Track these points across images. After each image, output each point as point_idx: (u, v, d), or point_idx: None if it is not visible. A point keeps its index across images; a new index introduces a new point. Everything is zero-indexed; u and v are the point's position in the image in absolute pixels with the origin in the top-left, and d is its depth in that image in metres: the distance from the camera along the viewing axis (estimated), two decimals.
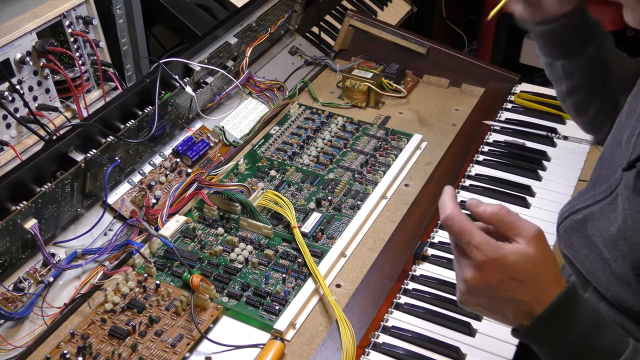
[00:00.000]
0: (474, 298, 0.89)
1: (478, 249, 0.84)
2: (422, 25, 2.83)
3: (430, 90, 1.83)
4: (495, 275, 0.85)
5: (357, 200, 1.42)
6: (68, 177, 1.23)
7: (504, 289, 0.86)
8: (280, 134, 1.63)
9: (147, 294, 1.20)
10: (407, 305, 1.17)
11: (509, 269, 0.85)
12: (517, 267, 0.85)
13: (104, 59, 1.51)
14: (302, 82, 1.82)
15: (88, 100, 1.47)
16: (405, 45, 1.87)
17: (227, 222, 1.37)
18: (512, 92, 1.75)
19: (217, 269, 1.26)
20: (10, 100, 1.28)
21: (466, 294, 0.89)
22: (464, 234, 0.85)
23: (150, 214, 1.37)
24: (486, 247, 0.84)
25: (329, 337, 1.11)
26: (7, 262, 1.17)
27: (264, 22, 1.77)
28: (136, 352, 1.10)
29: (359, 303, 1.17)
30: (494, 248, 0.85)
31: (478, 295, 0.88)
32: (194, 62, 1.52)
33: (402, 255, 1.27)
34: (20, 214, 1.14)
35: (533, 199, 1.41)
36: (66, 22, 1.40)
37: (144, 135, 1.41)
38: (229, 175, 1.50)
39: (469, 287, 0.87)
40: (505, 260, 0.84)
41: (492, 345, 1.09)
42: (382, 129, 1.64)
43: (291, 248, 1.30)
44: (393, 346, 1.09)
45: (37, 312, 1.18)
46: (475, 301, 0.90)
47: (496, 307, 0.89)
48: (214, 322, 1.16)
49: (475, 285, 0.86)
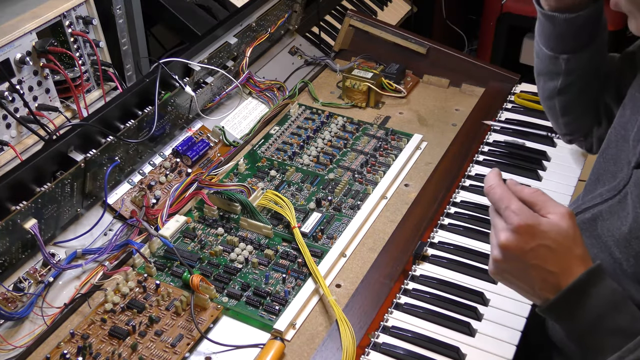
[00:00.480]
0: (505, 264, 0.94)
1: (515, 213, 0.91)
2: (422, 25, 2.84)
3: (430, 90, 1.83)
4: (528, 240, 0.90)
5: (357, 200, 1.42)
6: (68, 177, 1.23)
7: (535, 255, 0.91)
8: (280, 134, 1.63)
9: (147, 294, 1.20)
10: (407, 305, 1.17)
11: (542, 236, 0.90)
12: (550, 236, 0.90)
13: (104, 59, 1.51)
14: (302, 82, 1.82)
15: (88, 100, 1.47)
16: (405, 45, 1.87)
17: (227, 222, 1.37)
18: (512, 92, 1.75)
19: (217, 269, 1.26)
20: (10, 100, 1.28)
21: (499, 261, 0.94)
22: (504, 199, 0.92)
23: (150, 214, 1.37)
24: (523, 212, 0.91)
25: (329, 337, 1.11)
26: (7, 262, 1.17)
27: (264, 22, 1.77)
28: (136, 352, 1.10)
29: (359, 303, 1.17)
30: (530, 214, 0.91)
31: (510, 261, 0.93)
32: (194, 62, 1.52)
33: (402, 255, 1.27)
34: (20, 214, 1.14)
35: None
36: (66, 22, 1.40)
37: (143, 135, 1.41)
38: (229, 175, 1.50)
39: (502, 252, 0.92)
40: (539, 228, 0.90)
41: (492, 345, 1.09)
42: (382, 129, 1.64)
43: (291, 248, 1.30)
44: (393, 346, 1.09)
45: (37, 312, 1.18)
46: (506, 267, 0.94)
47: (525, 275, 0.93)
48: (214, 322, 1.16)
49: (509, 249, 0.91)
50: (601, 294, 0.90)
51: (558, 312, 0.93)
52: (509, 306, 1.15)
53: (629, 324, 0.89)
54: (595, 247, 1.05)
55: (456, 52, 1.83)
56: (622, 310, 0.90)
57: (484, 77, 1.79)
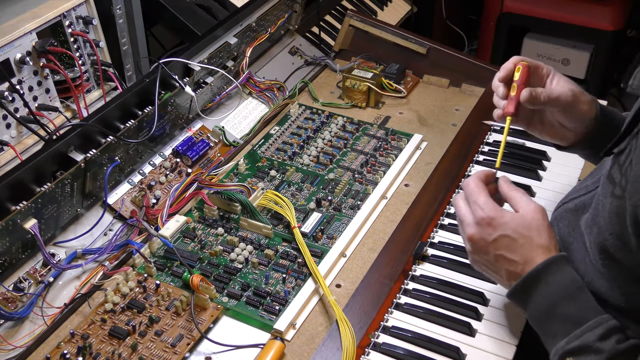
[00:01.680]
0: (475, 255, 1.03)
1: (480, 207, 0.99)
2: (422, 25, 2.84)
3: (430, 90, 1.83)
4: (490, 231, 0.99)
5: (357, 200, 1.42)
6: (68, 177, 1.23)
7: (497, 246, 0.99)
8: (280, 134, 1.63)
9: (147, 294, 1.20)
10: (407, 305, 1.17)
11: (503, 227, 0.98)
12: (510, 227, 0.98)
13: (104, 59, 1.51)
14: (302, 82, 1.82)
15: (88, 100, 1.47)
16: (405, 45, 1.87)
17: (227, 222, 1.37)
18: None
19: (217, 269, 1.26)
20: (10, 100, 1.28)
21: (470, 252, 1.03)
22: (473, 194, 1.01)
23: (150, 214, 1.37)
24: (488, 206, 0.99)
25: (329, 337, 1.11)
26: (7, 262, 1.17)
27: (263, 22, 1.77)
28: (136, 352, 1.10)
29: (359, 303, 1.17)
30: (494, 207, 0.99)
31: (478, 252, 1.02)
32: (194, 62, 1.52)
33: (402, 255, 1.27)
34: (20, 214, 1.14)
35: (533, 198, 1.40)
36: (66, 22, 1.40)
37: (143, 135, 1.41)
38: (229, 175, 1.50)
39: (470, 244, 1.02)
40: (500, 220, 0.98)
41: (492, 345, 1.09)
42: (382, 129, 1.64)
43: (291, 248, 1.30)
44: (393, 346, 1.09)
45: (37, 312, 1.18)
46: (477, 258, 1.03)
47: (493, 265, 1.01)
48: (214, 322, 1.16)
49: (474, 241, 1.01)
50: (557, 282, 0.95)
51: (518, 297, 1.00)
52: (509, 306, 1.15)
53: (580, 312, 0.94)
54: (571, 236, 1.08)
55: (456, 52, 1.83)
56: (576, 298, 0.95)
57: (484, 77, 1.79)
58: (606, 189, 0.96)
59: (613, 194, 0.93)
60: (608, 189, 0.95)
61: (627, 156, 0.93)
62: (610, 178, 0.96)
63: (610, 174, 0.96)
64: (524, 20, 2.90)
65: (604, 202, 0.95)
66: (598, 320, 0.92)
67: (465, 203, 1.03)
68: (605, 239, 0.94)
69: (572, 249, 1.06)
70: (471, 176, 1.04)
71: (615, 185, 0.93)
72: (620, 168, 0.94)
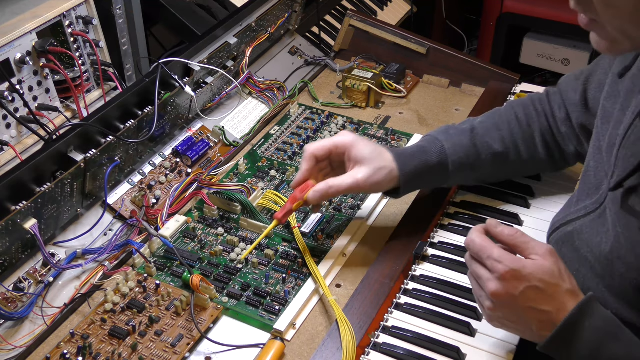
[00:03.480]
0: (500, 311, 0.95)
1: (499, 261, 0.93)
2: (422, 25, 2.84)
3: (430, 90, 1.83)
4: (516, 285, 0.92)
5: (357, 200, 1.42)
6: (68, 177, 1.23)
7: (526, 298, 0.92)
8: (280, 134, 1.63)
9: (147, 294, 1.20)
10: (407, 305, 1.17)
11: (529, 278, 0.91)
12: (537, 277, 0.91)
13: (104, 59, 1.51)
14: (302, 82, 1.82)
15: (88, 100, 1.47)
16: (405, 45, 1.87)
17: (227, 222, 1.37)
18: (512, 92, 1.75)
19: (217, 269, 1.26)
20: (10, 100, 1.28)
21: (493, 309, 0.96)
22: (485, 249, 0.94)
23: (150, 214, 1.37)
24: (506, 258, 0.92)
25: (329, 337, 1.11)
26: (7, 262, 1.17)
27: (263, 22, 1.77)
28: (136, 352, 1.10)
29: (359, 303, 1.17)
30: (513, 259, 0.93)
31: (503, 308, 0.94)
32: (194, 62, 1.52)
33: (402, 255, 1.27)
34: (20, 214, 1.14)
35: (533, 199, 1.41)
36: (66, 22, 1.40)
37: (143, 135, 1.41)
38: (229, 175, 1.50)
39: (494, 301, 0.94)
40: (525, 271, 0.91)
41: (492, 345, 1.09)
42: (382, 129, 1.64)
43: (291, 248, 1.30)
44: (393, 346, 1.09)
45: (37, 312, 1.18)
46: (502, 314, 0.96)
47: (521, 318, 0.94)
48: (214, 322, 1.16)
49: (500, 297, 0.93)
50: (595, 325, 0.91)
51: (556, 348, 0.93)
52: None
53: (626, 351, 0.90)
54: (576, 261, 1.04)
55: (456, 52, 1.83)
56: (619, 338, 0.91)
57: (484, 77, 1.79)
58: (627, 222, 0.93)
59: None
60: (630, 222, 0.92)
61: None
62: (630, 210, 0.93)
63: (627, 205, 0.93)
64: (524, 20, 2.90)
65: (630, 236, 0.92)
66: None
67: (476, 262, 0.97)
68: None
69: (581, 276, 1.03)
70: (471, 233, 0.98)
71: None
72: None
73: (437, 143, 1.24)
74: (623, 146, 0.98)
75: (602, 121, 1.07)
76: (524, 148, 1.27)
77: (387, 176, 1.19)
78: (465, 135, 1.26)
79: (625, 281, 0.95)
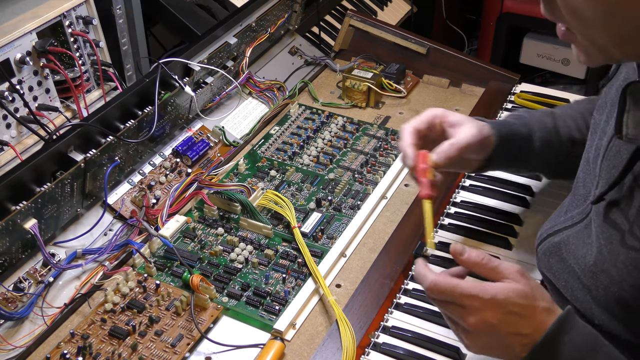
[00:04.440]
0: (480, 342, 0.94)
1: (470, 296, 0.90)
2: (422, 25, 2.83)
3: (430, 90, 1.83)
4: (493, 314, 0.90)
5: (357, 200, 1.42)
6: (68, 177, 1.23)
7: (505, 324, 0.90)
8: (280, 134, 1.63)
9: (147, 294, 1.20)
10: (407, 305, 1.17)
11: (504, 305, 0.90)
12: (512, 302, 0.90)
13: (104, 59, 1.51)
14: (302, 82, 1.82)
15: (88, 100, 1.47)
16: (405, 45, 1.87)
17: (227, 222, 1.37)
18: (512, 92, 1.75)
19: (217, 269, 1.26)
20: (10, 100, 1.28)
21: (474, 341, 0.94)
22: (453, 289, 0.91)
23: (150, 214, 1.37)
24: (477, 291, 0.90)
25: (329, 337, 1.11)
26: (7, 262, 1.17)
27: (263, 22, 1.77)
28: (136, 352, 1.10)
29: (359, 303, 1.17)
30: (484, 290, 0.90)
31: (483, 337, 0.92)
32: (194, 62, 1.52)
33: (402, 255, 1.27)
34: (20, 214, 1.14)
35: (533, 199, 1.41)
36: (66, 22, 1.40)
37: (143, 135, 1.41)
38: (229, 175, 1.50)
39: (473, 334, 0.92)
40: (498, 298, 0.90)
41: None
42: (382, 129, 1.64)
43: (291, 248, 1.30)
44: (393, 346, 1.09)
45: (37, 312, 1.18)
46: (483, 344, 0.94)
47: (503, 345, 0.92)
48: (214, 322, 1.16)
49: (479, 329, 0.91)
50: (574, 340, 0.89)
51: None
52: None
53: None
54: (564, 272, 1.03)
55: (456, 52, 1.83)
56: (598, 351, 0.89)
57: (484, 77, 1.79)
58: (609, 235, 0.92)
59: (625, 244, 0.89)
60: (612, 235, 0.92)
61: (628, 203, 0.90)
62: (612, 223, 0.92)
63: (609, 218, 0.93)
64: (524, 20, 2.89)
65: (612, 249, 0.91)
66: None
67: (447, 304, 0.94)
68: (623, 289, 0.90)
69: (569, 287, 1.02)
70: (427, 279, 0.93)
71: (624, 233, 0.89)
72: (623, 214, 0.90)
73: (523, 118, 1.23)
74: (605, 157, 0.97)
75: (591, 132, 1.07)
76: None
77: (488, 138, 1.15)
78: (547, 116, 1.24)
79: (609, 294, 0.94)
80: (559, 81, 3.10)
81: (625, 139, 0.87)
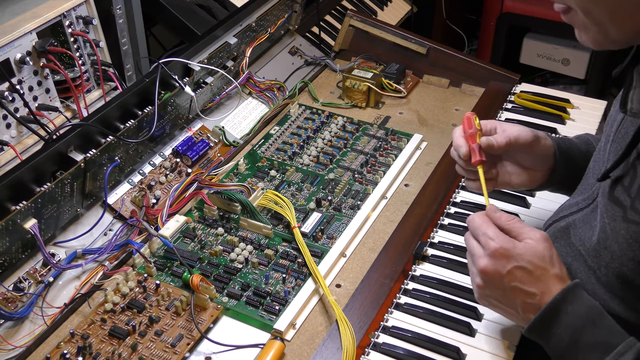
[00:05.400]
0: (487, 289, 0.99)
1: (492, 239, 0.97)
2: (422, 25, 2.84)
3: (430, 90, 1.83)
4: (504, 263, 0.95)
5: (357, 200, 1.42)
6: (68, 177, 1.23)
7: (512, 277, 0.95)
8: (280, 134, 1.63)
9: (147, 294, 1.20)
10: (407, 305, 1.17)
11: (518, 258, 0.95)
12: (525, 258, 0.95)
13: (104, 59, 1.51)
14: (302, 82, 1.82)
15: (88, 100, 1.47)
16: (405, 45, 1.87)
17: (227, 222, 1.37)
18: (512, 92, 1.75)
19: (217, 269, 1.26)
20: (10, 100, 1.28)
21: (481, 287, 0.99)
22: (481, 227, 0.99)
23: (150, 214, 1.37)
24: (499, 237, 0.97)
25: (329, 337, 1.11)
26: (7, 262, 1.17)
27: (263, 22, 1.77)
28: (136, 352, 1.10)
29: (359, 303, 1.17)
30: (506, 239, 0.97)
31: (490, 285, 0.98)
32: (194, 62, 1.52)
33: (402, 255, 1.27)
34: (20, 214, 1.14)
35: (533, 199, 1.41)
36: (66, 22, 1.40)
37: (143, 135, 1.41)
38: (229, 175, 1.50)
39: (482, 277, 0.98)
40: (514, 250, 0.95)
41: (492, 345, 1.09)
42: (382, 129, 1.64)
43: (291, 248, 1.30)
44: (393, 346, 1.09)
45: (37, 312, 1.18)
46: (489, 292, 1.00)
47: (507, 298, 0.98)
48: (214, 322, 1.16)
49: (488, 274, 0.97)
50: (577, 311, 0.93)
51: (538, 331, 0.96)
52: None
53: (606, 338, 0.91)
54: (570, 255, 1.06)
55: (456, 52, 1.83)
56: (599, 324, 0.92)
57: (484, 77, 1.79)
58: (612, 212, 0.94)
59: (626, 219, 0.91)
60: (615, 212, 0.93)
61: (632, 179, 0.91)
62: (615, 200, 0.94)
63: (613, 196, 0.94)
64: (524, 20, 2.89)
65: (615, 226, 0.93)
66: (625, 345, 0.89)
67: (473, 238, 1.01)
68: (623, 264, 0.93)
69: (573, 269, 1.04)
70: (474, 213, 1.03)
71: (626, 209, 0.91)
72: (626, 191, 0.92)
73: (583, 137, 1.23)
74: (614, 140, 1.00)
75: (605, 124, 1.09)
76: None
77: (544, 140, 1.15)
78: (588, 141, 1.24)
79: (610, 270, 0.96)
80: (559, 81, 3.10)
81: (630, 114, 0.90)
